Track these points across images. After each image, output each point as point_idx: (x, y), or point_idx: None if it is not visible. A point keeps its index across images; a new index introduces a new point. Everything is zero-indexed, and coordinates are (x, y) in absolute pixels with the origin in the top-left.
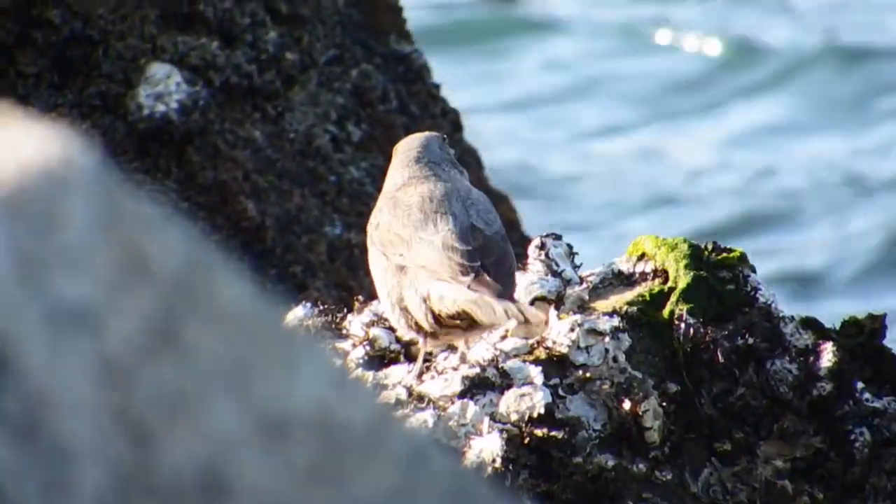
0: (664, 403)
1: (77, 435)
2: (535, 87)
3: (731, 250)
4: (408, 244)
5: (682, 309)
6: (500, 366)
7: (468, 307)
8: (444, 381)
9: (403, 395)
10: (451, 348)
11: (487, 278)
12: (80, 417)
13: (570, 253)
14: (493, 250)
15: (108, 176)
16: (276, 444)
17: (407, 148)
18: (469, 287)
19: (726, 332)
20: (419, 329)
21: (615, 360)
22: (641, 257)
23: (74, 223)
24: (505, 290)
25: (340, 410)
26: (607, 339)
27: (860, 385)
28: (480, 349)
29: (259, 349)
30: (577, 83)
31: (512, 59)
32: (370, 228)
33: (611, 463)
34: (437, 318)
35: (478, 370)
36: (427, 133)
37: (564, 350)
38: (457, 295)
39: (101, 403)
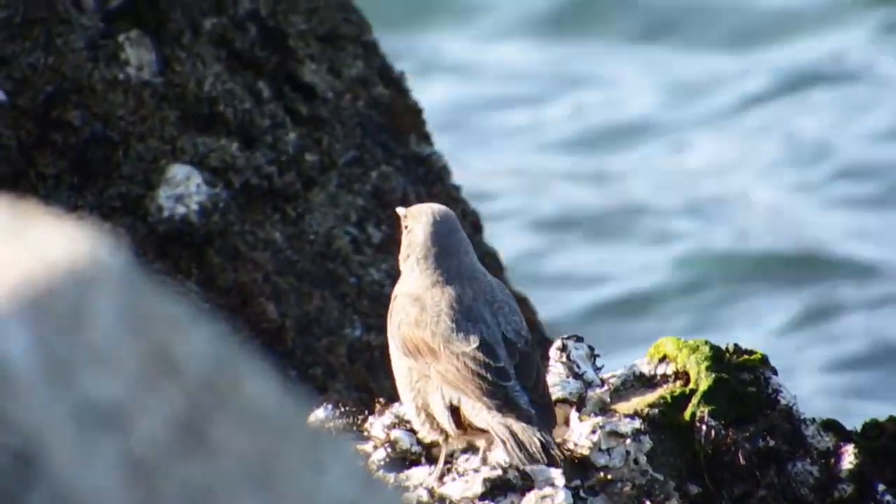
0: None
1: None
2: None
3: (752, 352)
4: (436, 355)
5: (704, 411)
6: (521, 467)
7: (497, 430)
8: (465, 482)
9: (425, 497)
10: (473, 449)
11: (517, 402)
12: None
13: (592, 355)
14: (530, 369)
15: (135, 275)
16: None
17: (429, 236)
18: (500, 413)
19: (747, 434)
20: (442, 432)
21: (636, 461)
22: (663, 359)
23: (101, 322)
24: (545, 425)
25: None
26: (629, 441)
27: (881, 487)
28: (502, 450)
29: (286, 448)
30: None
31: None
32: (392, 328)
33: None
34: (461, 426)
35: (499, 472)
36: (443, 210)
37: (586, 452)
38: (487, 417)
39: (128, 502)
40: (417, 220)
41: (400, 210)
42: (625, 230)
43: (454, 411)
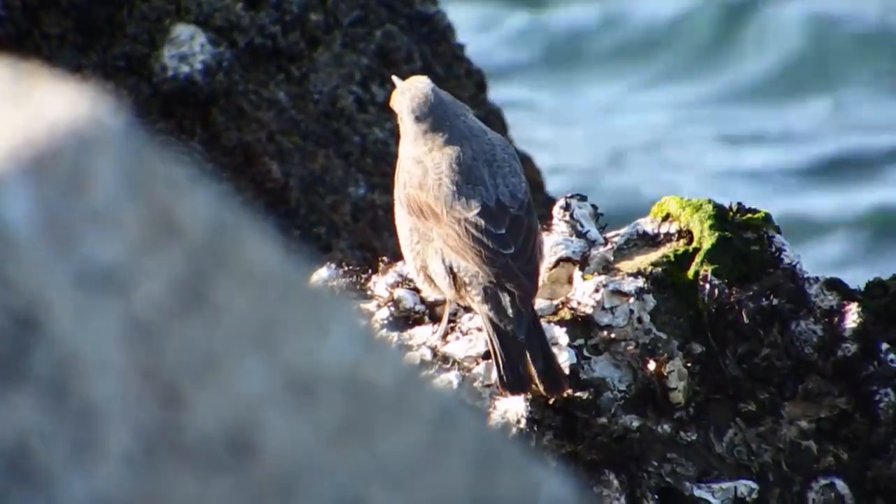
0: (689, 364)
1: (105, 396)
2: None
3: (755, 211)
4: (439, 219)
5: (707, 270)
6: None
7: (488, 336)
8: (469, 341)
9: (428, 356)
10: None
11: (515, 272)
12: (109, 378)
13: (595, 214)
14: (518, 233)
15: (137, 137)
16: (305, 404)
17: (413, 109)
18: (496, 279)
19: (751, 293)
20: (443, 293)
21: (640, 320)
22: (666, 218)
23: (103, 184)
24: (523, 286)
25: (369, 370)
26: (632, 299)
27: (885, 346)
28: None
29: (287, 309)
30: None
31: None
32: (397, 187)
33: (635, 424)
34: (458, 290)
35: None
36: (423, 85)
37: (589, 311)
38: (483, 281)
39: (129, 364)
40: (399, 107)
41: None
42: None
43: (453, 276)
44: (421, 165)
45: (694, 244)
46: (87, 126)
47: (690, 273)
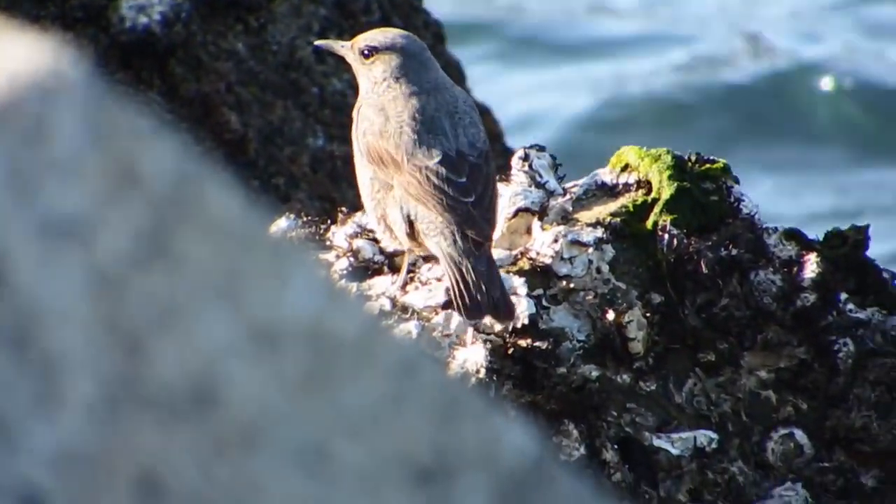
0: (648, 314)
1: (67, 346)
2: None
3: (714, 161)
4: (399, 167)
5: (666, 220)
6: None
7: (448, 271)
8: (428, 291)
9: (387, 306)
10: (436, 259)
11: (477, 219)
12: (71, 329)
13: (554, 164)
14: (477, 181)
15: (98, 87)
16: (267, 354)
17: (407, 48)
18: (457, 226)
19: (710, 243)
20: (400, 243)
21: (599, 271)
22: (625, 168)
23: (64, 134)
24: (484, 231)
25: (331, 320)
26: (591, 250)
27: (844, 296)
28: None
29: (249, 259)
30: None
31: None
32: (356, 134)
33: (595, 374)
34: (415, 239)
35: None
36: (406, 34)
37: (548, 261)
38: (443, 245)
39: (91, 315)
40: (386, 45)
41: (340, 43)
42: None
43: (410, 224)
44: (382, 113)
45: (653, 194)
46: (48, 76)
47: (649, 223)
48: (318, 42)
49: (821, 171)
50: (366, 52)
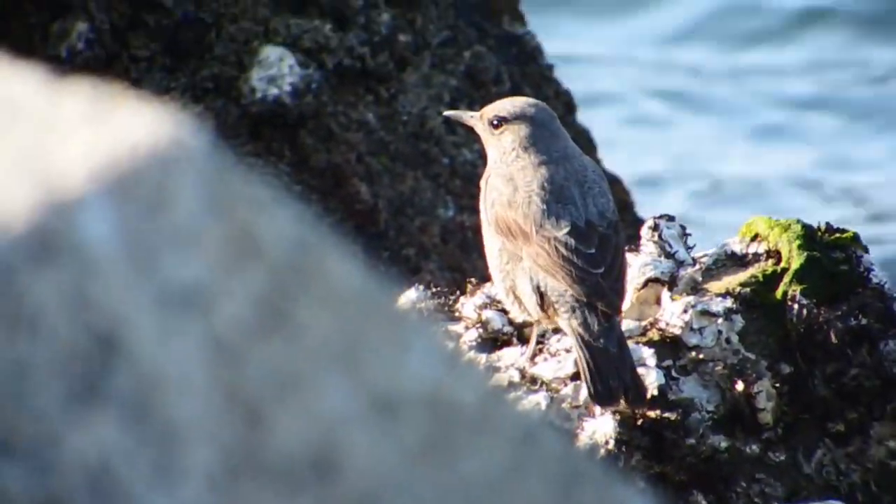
0: (777, 384)
1: (188, 415)
2: None
3: (844, 231)
4: (528, 237)
5: (796, 290)
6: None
7: (578, 354)
8: (557, 363)
9: (516, 378)
10: (563, 330)
11: (606, 291)
12: (191, 398)
13: (683, 234)
14: (606, 252)
15: (219, 157)
16: (387, 423)
17: (537, 117)
18: (587, 298)
19: (839, 313)
20: (529, 314)
21: (728, 341)
22: (754, 238)
23: (185, 204)
24: (613, 303)
25: (452, 390)
26: (720, 320)
27: None
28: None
29: (370, 329)
30: None
31: None
32: (484, 204)
33: (724, 444)
34: (545, 310)
35: None
36: (535, 102)
37: (677, 332)
38: (571, 301)
39: (212, 384)
40: (516, 115)
41: (468, 113)
42: None
43: (541, 295)
44: (511, 183)
45: (782, 264)
46: (169, 146)
47: (779, 293)
48: (447, 112)
49: None
50: (495, 121)
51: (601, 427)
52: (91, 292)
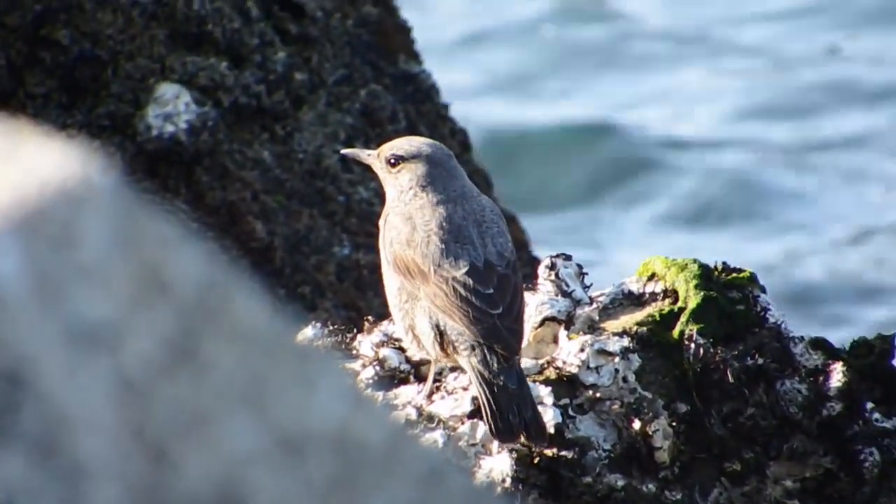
0: (674, 423)
1: (94, 453)
2: None
3: (740, 270)
4: (426, 277)
5: (692, 329)
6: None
7: (479, 390)
8: (455, 401)
9: (413, 415)
10: (461, 368)
11: (503, 333)
12: (98, 436)
13: (580, 273)
14: (505, 292)
15: (126, 194)
16: (294, 461)
17: (433, 156)
18: (483, 340)
19: (736, 353)
20: (428, 353)
21: (625, 380)
22: (651, 277)
23: (92, 241)
24: (512, 346)
25: (357, 428)
26: (617, 359)
27: (870, 405)
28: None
29: (275, 367)
30: None
31: None
32: (383, 243)
33: (620, 483)
34: (445, 349)
35: None
36: (432, 142)
37: (574, 370)
38: (471, 340)
39: (118, 421)
40: (412, 154)
41: (365, 152)
42: None
43: (440, 334)
44: (410, 222)
45: (679, 303)
46: (77, 184)
47: (676, 332)
48: (344, 150)
49: None
50: (392, 160)
51: (498, 465)
52: None
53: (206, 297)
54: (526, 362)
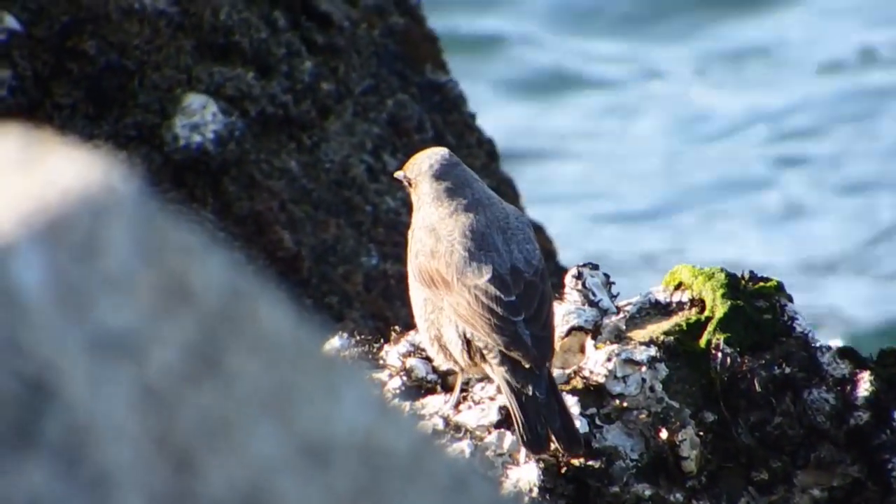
0: (701, 433)
1: (118, 462)
2: None
3: (767, 279)
4: (449, 287)
5: (719, 338)
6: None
7: (508, 400)
8: (481, 410)
9: (440, 425)
10: (488, 378)
11: (524, 341)
12: (122, 445)
13: (607, 283)
14: (532, 298)
15: (149, 203)
16: (318, 470)
17: (435, 170)
18: (506, 349)
19: (763, 362)
20: (456, 362)
21: (652, 389)
22: (678, 287)
23: (116, 250)
24: (532, 353)
25: (383, 437)
26: (644, 368)
27: None
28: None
29: (301, 375)
30: None
31: None
32: (410, 256)
33: (648, 492)
34: (473, 358)
35: None
36: (437, 151)
37: (601, 380)
38: (499, 371)
39: (142, 430)
40: (418, 171)
41: (398, 174)
42: None
43: (467, 343)
44: (433, 233)
45: (706, 313)
46: (100, 193)
47: (703, 342)
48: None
49: None
50: (406, 180)
51: (525, 475)
52: (22, 338)
53: (229, 306)
54: (553, 372)
